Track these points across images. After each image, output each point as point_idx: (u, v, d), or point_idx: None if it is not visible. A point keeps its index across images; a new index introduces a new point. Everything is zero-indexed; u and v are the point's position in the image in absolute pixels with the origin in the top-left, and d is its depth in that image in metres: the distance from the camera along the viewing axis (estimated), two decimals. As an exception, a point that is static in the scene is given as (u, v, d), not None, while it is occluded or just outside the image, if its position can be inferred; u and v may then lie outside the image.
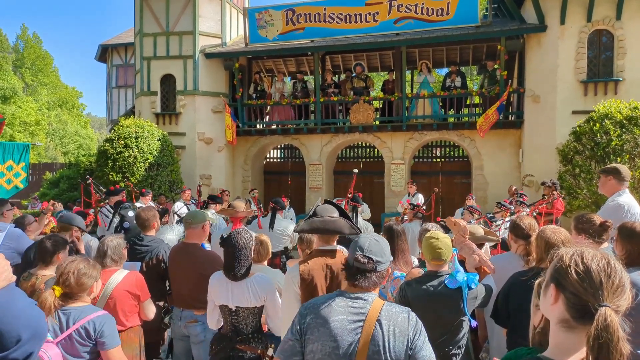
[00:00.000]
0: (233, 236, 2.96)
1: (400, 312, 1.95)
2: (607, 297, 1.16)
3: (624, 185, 4.14)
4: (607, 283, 1.17)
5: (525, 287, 2.64)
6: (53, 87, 38.04)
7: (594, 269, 1.18)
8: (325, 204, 2.98)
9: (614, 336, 1.09)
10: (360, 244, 2.00)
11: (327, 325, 1.89)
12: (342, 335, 1.87)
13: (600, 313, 1.12)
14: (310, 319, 1.94)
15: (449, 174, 13.81)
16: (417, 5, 11.44)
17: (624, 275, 1.20)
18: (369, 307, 1.91)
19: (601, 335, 1.09)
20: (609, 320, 1.10)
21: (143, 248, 3.98)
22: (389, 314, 1.91)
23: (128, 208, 5.42)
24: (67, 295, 2.52)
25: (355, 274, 1.96)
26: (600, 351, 1.09)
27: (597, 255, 1.22)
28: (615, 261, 1.21)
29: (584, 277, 1.18)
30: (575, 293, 1.19)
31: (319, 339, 1.89)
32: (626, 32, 10.10)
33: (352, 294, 1.96)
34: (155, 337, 3.97)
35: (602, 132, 8.46)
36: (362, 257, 1.95)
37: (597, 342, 1.09)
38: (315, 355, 1.90)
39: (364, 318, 1.88)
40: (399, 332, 1.88)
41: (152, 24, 13.28)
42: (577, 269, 1.20)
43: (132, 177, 11.05)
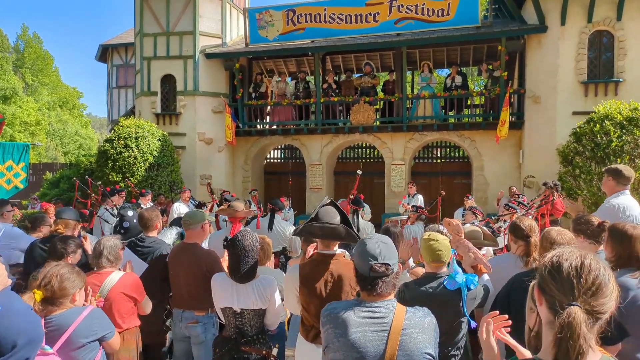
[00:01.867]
0: (239, 238, 2.94)
1: (424, 317, 1.93)
2: (579, 296, 1.17)
3: (624, 187, 4.09)
4: (578, 283, 1.18)
5: (525, 288, 2.63)
6: (53, 87, 38.07)
7: (565, 269, 1.21)
8: (330, 205, 2.96)
9: (575, 333, 1.11)
10: (372, 252, 1.94)
11: (348, 336, 1.84)
12: (366, 347, 1.83)
13: (566, 311, 1.14)
14: (329, 328, 1.91)
15: (449, 175, 13.80)
16: (418, 6, 11.44)
17: (602, 275, 1.20)
18: (391, 316, 1.87)
19: (562, 331, 1.12)
20: (572, 317, 1.12)
21: (145, 249, 3.97)
22: (413, 321, 1.88)
23: (127, 208, 5.41)
24: (47, 301, 2.45)
25: (373, 283, 1.91)
26: (560, 347, 1.12)
27: (574, 255, 1.23)
28: (593, 261, 1.22)
29: (556, 277, 1.21)
30: (550, 294, 1.22)
31: (340, 349, 1.86)
32: (627, 32, 10.09)
33: (372, 302, 1.92)
34: (158, 339, 3.95)
35: (602, 133, 8.44)
36: (380, 265, 1.90)
37: (558, 338, 1.12)
38: None
39: (387, 328, 1.84)
40: (427, 339, 1.87)
41: (152, 24, 13.28)
42: (551, 270, 1.23)
43: (132, 177, 11.05)
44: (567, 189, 8.82)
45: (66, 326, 2.44)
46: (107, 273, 3.21)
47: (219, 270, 3.39)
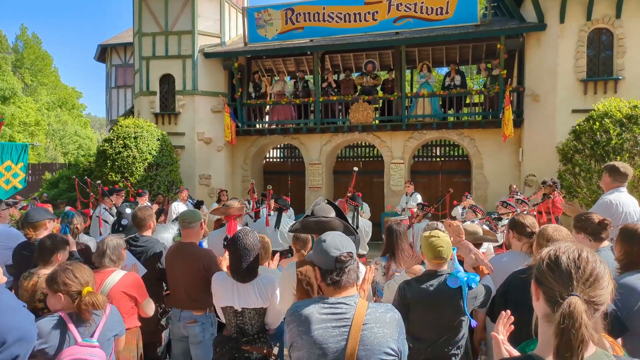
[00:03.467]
0: (240, 237, 2.93)
1: (386, 312, 1.93)
2: (577, 287, 1.19)
3: (620, 184, 4.10)
4: (576, 274, 1.20)
5: (523, 285, 2.62)
6: (53, 88, 38.03)
7: (564, 261, 1.23)
8: (326, 203, 2.96)
9: (577, 322, 1.12)
10: (333, 245, 1.96)
11: (310, 334, 1.86)
12: (328, 343, 1.84)
13: (567, 301, 1.16)
14: (293, 327, 1.92)
15: (448, 173, 13.79)
16: (417, 4, 11.42)
17: (599, 267, 1.22)
18: (353, 312, 1.88)
19: (564, 321, 1.13)
20: (573, 307, 1.14)
21: (138, 249, 3.95)
22: (375, 316, 1.89)
23: (126, 205, 5.40)
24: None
25: (338, 275, 1.92)
26: (562, 336, 1.13)
27: (571, 248, 1.26)
28: (590, 254, 1.24)
29: (554, 269, 1.23)
30: (548, 286, 1.23)
31: (304, 347, 1.87)
32: (626, 30, 10.08)
33: (335, 299, 1.92)
34: (152, 338, 3.95)
35: (601, 130, 8.44)
36: (344, 255, 1.93)
37: (559, 328, 1.13)
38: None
39: (349, 323, 1.85)
40: (389, 334, 1.87)
41: (151, 23, 13.25)
42: (548, 262, 1.25)
43: (131, 177, 11.04)
44: (566, 187, 8.81)
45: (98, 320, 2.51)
46: (109, 272, 3.21)
47: (217, 269, 3.38)
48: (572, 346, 1.12)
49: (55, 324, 2.34)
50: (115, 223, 4.74)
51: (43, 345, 2.27)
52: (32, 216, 3.94)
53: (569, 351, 1.12)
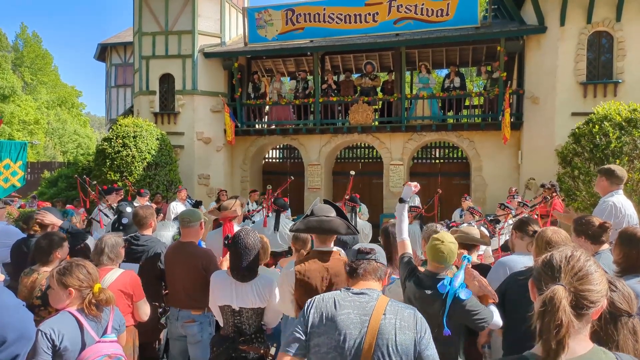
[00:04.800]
0: (242, 236, 2.93)
1: (406, 308, 2.02)
2: (564, 278, 1.25)
3: (617, 187, 4.12)
4: (565, 267, 1.27)
5: (521, 286, 2.61)
6: (52, 86, 38.03)
7: (556, 257, 1.31)
8: (324, 203, 2.96)
9: (555, 306, 1.18)
10: (358, 246, 2.22)
11: (334, 320, 1.93)
12: (349, 329, 1.91)
13: (550, 288, 1.22)
14: (315, 313, 1.98)
15: (448, 175, 13.79)
16: (417, 6, 11.43)
17: (590, 266, 1.28)
18: (374, 303, 1.96)
19: (544, 305, 1.19)
20: (554, 293, 1.20)
21: (139, 248, 3.94)
22: (394, 309, 1.97)
23: (126, 204, 5.38)
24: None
25: (358, 265, 2.11)
26: (542, 319, 1.19)
27: (567, 249, 1.34)
28: (583, 255, 1.31)
29: (546, 264, 1.31)
30: (542, 281, 1.30)
31: (325, 333, 1.93)
32: (626, 33, 10.09)
33: (357, 289, 2.04)
34: (152, 337, 3.94)
35: (601, 134, 8.43)
36: (365, 248, 2.16)
37: (539, 311, 1.20)
38: (321, 349, 1.93)
39: (370, 312, 1.93)
40: (407, 327, 1.93)
41: (151, 23, 13.25)
42: (543, 260, 1.33)
43: (130, 176, 11.02)
44: (565, 190, 8.81)
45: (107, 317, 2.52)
46: (106, 270, 3.21)
47: (216, 269, 3.38)
48: (549, 328, 1.17)
49: (73, 322, 2.36)
50: (116, 222, 4.71)
51: (67, 343, 2.27)
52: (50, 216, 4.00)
53: (547, 333, 1.17)
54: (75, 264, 2.51)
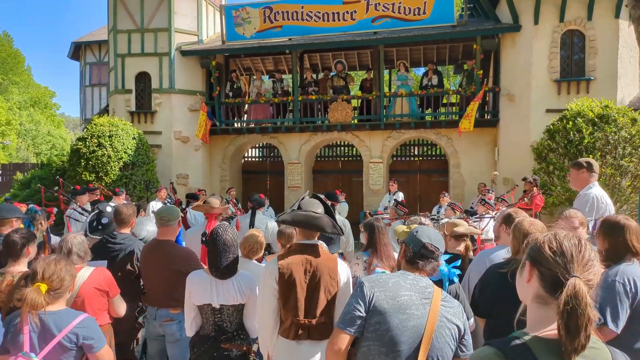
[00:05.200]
0: (220, 232, 2.89)
1: (453, 298, 2.16)
2: (577, 269, 1.26)
3: (594, 178, 4.25)
4: (577, 257, 1.27)
5: (500, 277, 2.66)
6: (25, 86, 37.06)
7: (566, 245, 1.30)
8: (313, 197, 2.93)
9: (582, 302, 1.18)
10: (427, 234, 2.22)
11: (397, 299, 2.00)
12: (411, 309, 1.98)
13: (570, 282, 1.21)
14: (377, 291, 2.03)
15: (426, 172, 13.93)
16: (394, 5, 11.52)
17: (593, 254, 1.30)
18: (432, 289, 2.08)
19: (570, 302, 1.18)
20: (578, 288, 1.20)
21: (116, 246, 3.86)
22: (447, 298, 2.11)
23: (106, 203, 5.27)
24: (49, 293, 2.37)
25: (419, 259, 2.17)
26: (569, 316, 1.18)
27: (569, 234, 1.34)
28: (585, 240, 1.33)
29: (556, 252, 1.29)
30: (548, 267, 1.29)
31: (388, 311, 1.98)
32: (597, 32, 10.34)
33: (414, 275, 2.14)
34: (129, 337, 3.87)
35: (574, 130, 8.64)
36: (432, 245, 2.17)
37: (566, 308, 1.18)
38: (382, 327, 1.98)
39: (430, 297, 2.04)
40: (456, 314, 2.07)
41: (126, 20, 13.00)
42: (550, 245, 1.31)
43: (106, 176, 10.81)
44: (541, 185, 8.99)
45: (61, 327, 2.35)
46: (77, 269, 3.11)
47: (195, 267, 3.33)
48: (580, 325, 1.18)
49: None
50: (94, 221, 4.59)
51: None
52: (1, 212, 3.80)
53: (578, 331, 1.18)
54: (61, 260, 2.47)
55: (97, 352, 2.45)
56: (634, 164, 8.40)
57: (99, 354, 2.46)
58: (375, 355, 2.00)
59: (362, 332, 2.03)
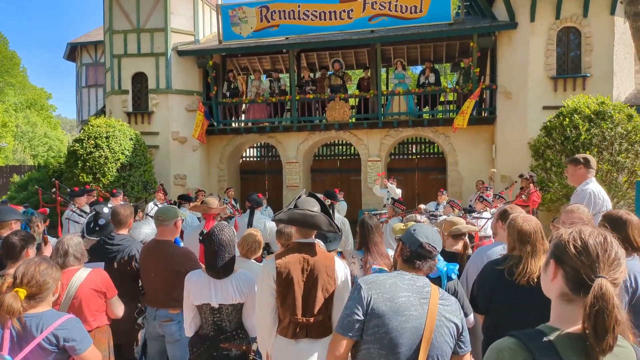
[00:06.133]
0: (216, 232, 2.89)
1: (450, 296, 2.14)
2: (604, 269, 1.24)
3: (592, 174, 4.26)
4: (603, 256, 1.25)
5: (497, 274, 2.66)
6: (21, 88, 36.90)
7: (591, 244, 1.27)
8: (309, 196, 2.93)
9: (609, 304, 1.17)
10: (425, 233, 2.18)
11: (395, 300, 1.98)
12: (410, 310, 1.97)
13: (597, 283, 1.19)
14: (374, 293, 2.01)
15: (424, 170, 13.95)
16: (391, 3, 11.53)
17: (620, 251, 1.28)
18: (429, 289, 2.06)
19: (597, 303, 1.17)
20: (605, 289, 1.18)
21: (114, 247, 3.85)
22: (445, 296, 2.09)
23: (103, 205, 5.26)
24: (30, 297, 2.35)
25: (416, 258, 2.14)
26: (597, 318, 1.17)
27: (595, 232, 1.31)
28: (611, 237, 1.30)
29: (581, 251, 1.26)
30: (573, 266, 1.26)
31: (385, 314, 1.97)
32: (593, 29, 10.35)
33: (411, 275, 2.12)
34: (129, 338, 3.86)
35: (571, 126, 8.66)
36: (429, 245, 2.14)
37: (593, 310, 1.17)
38: (381, 329, 1.97)
39: (427, 296, 2.02)
40: (454, 312, 2.05)
41: (122, 20, 12.97)
42: (575, 244, 1.28)
43: (104, 178, 10.79)
44: (539, 181, 9.01)
45: (42, 328, 2.32)
46: (74, 270, 3.10)
47: (193, 267, 3.33)
48: (607, 327, 1.17)
49: None
50: (91, 222, 4.58)
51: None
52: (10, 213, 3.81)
53: (606, 332, 1.16)
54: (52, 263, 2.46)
55: (80, 353, 2.39)
56: (631, 160, 8.42)
57: (83, 355, 2.40)
58: (375, 357, 1.99)
59: (361, 336, 2.03)
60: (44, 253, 3.66)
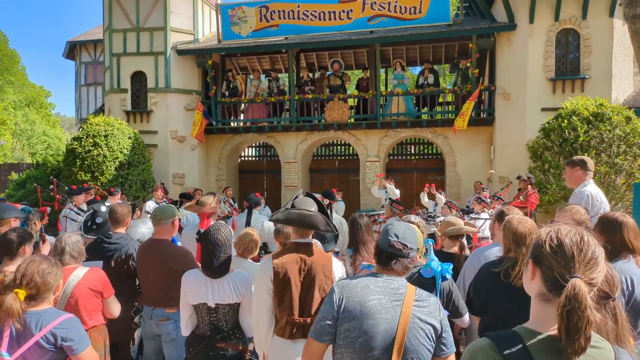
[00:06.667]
0: (212, 232, 2.89)
1: (429, 296, 2.06)
2: (579, 269, 1.22)
3: (589, 176, 4.26)
4: (579, 256, 1.24)
5: (493, 276, 2.67)
6: (20, 86, 36.83)
7: (567, 243, 1.25)
8: (306, 196, 2.93)
9: (582, 304, 1.15)
10: (395, 230, 2.09)
11: (365, 304, 1.94)
12: (381, 314, 1.92)
13: (570, 283, 1.19)
14: (346, 297, 1.98)
15: (423, 171, 13.95)
16: (390, 4, 11.53)
17: (597, 250, 1.26)
18: (405, 289, 1.99)
19: (569, 303, 1.16)
20: (578, 289, 1.17)
21: (111, 246, 3.84)
22: (422, 297, 2.02)
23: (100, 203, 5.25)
24: (31, 298, 2.36)
25: (389, 258, 2.05)
26: (569, 318, 1.16)
27: (572, 231, 1.29)
28: (589, 236, 1.28)
29: (557, 251, 1.25)
30: (549, 266, 1.25)
31: (356, 318, 1.93)
32: (592, 31, 10.37)
33: (387, 276, 2.05)
34: (125, 337, 3.86)
35: (569, 128, 8.66)
36: (398, 243, 2.05)
37: (565, 310, 1.16)
38: (352, 333, 1.93)
39: (402, 298, 1.96)
40: (432, 313, 1.98)
41: (121, 19, 12.96)
42: (551, 244, 1.27)
43: (102, 176, 10.78)
44: (537, 183, 9.02)
45: (41, 326, 2.32)
46: (71, 269, 3.09)
47: (190, 266, 3.32)
48: (579, 328, 1.16)
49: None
50: (89, 221, 4.58)
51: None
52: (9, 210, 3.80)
53: (577, 333, 1.16)
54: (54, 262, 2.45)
55: (78, 354, 2.39)
56: (629, 162, 8.43)
57: (80, 356, 2.40)
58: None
59: (333, 339, 2.00)
60: (41, 251, 3.65)
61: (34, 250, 3.38)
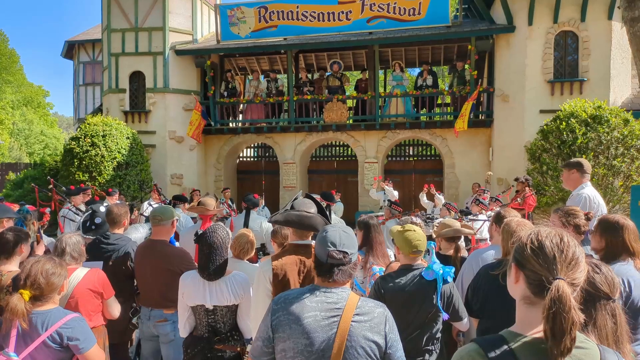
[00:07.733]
0: (208, 234, 2.88)
1: (377, 307, 1.90)
2: (561, 270, 1.23)
3: (587, 178, 4.26)
4: (560, 257, 1.24)
5: (491, 279, 2.67)
6: (18, 86, 36.78)
7: (547, 245, 1.26)
8: (306, 197, 2.92)
9: (566, 306, 1.16)
10: (331, 239, 1.92)
11: (300, 322, 1.81)
12: (316, 332, 1.79)
13: (554, 285, 1.19)
14: (281, 315, 1.85)
15: (421, 173, 13.96)
16: (390, 5, 11.54)
17: (578, 250, 1.27)
18: (344, 303, 1.84)
19: (553, 305, 1.16)
20: (562, 291, 1.17)
21: (109, 247, 3.83)
22: (365, 309, 1.86)
23: (99, 203, 5.24)
24: (35, 298, 2.37)
25: (330, 269, 1.89)
26: (554, 320, 1.17)
27: (552, 232, 1.29)
28: (569, 237, 1.28)
29: (538, 253, 1.26)
30: (531, 269, 1.26)
31: (291, 337, 1.81)
32: (590, 33, 10.40)
33: (327, 288, 1.89)
34: (123, 338, 3.85)
35: (568, 130, 8.68)
36: (337, 252, 1.88)
37: (550, 312, 1.17)
38: (287, 354, 1.81)
39: (339, 313, 1.81)
40: (376, 327, 1.83)
41: (120, 19, 12.95)
42: (532, 246, 1.27)
43: (100, 176, 10.76)
44: (535, 185, 9.03)
45: (47, 326, 2.34)
46: (71, 270, 3.08)
47: (188, 267, 3.32)
48: (564, 329, 1.16)
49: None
50: (87, 221, 4.57)
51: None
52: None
53: (563, 334, 1.16)
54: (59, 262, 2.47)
55: (84, 352, 2.41)
56: (626, 164, 8.45)
57: (87, 354, 2.42)
58: None
59: (273, 358, 1.88)
60: (36, 252, 3.64)
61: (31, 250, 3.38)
